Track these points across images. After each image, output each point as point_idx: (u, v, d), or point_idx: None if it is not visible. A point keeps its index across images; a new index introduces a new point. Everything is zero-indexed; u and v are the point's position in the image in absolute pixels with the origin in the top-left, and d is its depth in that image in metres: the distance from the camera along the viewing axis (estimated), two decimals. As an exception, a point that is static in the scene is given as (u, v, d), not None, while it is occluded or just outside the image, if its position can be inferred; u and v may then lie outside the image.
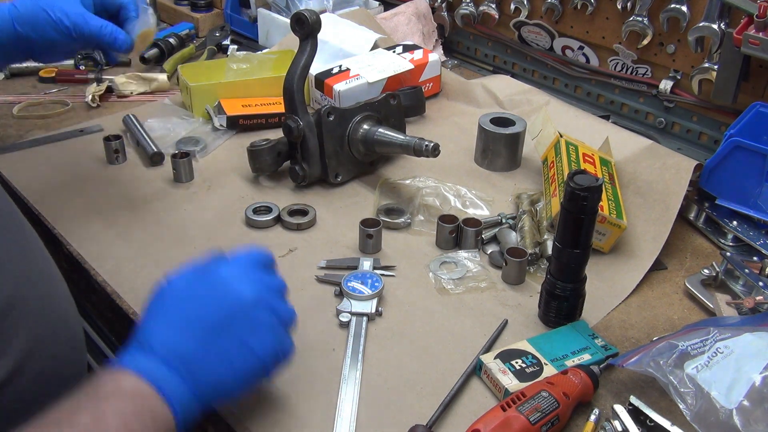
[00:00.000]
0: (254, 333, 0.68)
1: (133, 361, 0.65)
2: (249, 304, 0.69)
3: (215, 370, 0.67)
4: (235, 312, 0.68)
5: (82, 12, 0.98)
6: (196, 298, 0.69)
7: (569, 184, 0.80)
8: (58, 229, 1.05)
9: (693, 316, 0.94)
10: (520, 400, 0.73)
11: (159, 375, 0.64)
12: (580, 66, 1.47)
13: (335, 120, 1.13)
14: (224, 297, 0.69)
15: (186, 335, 0.67)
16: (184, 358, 0.66)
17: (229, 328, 0.67)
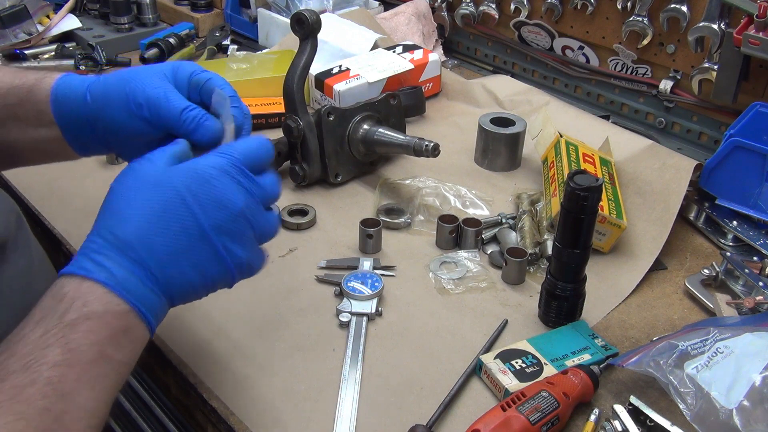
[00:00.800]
0: (232, 245, 0.65)
1: (102, 271, 0.60)
2: (236, 214, 0.65)
3: (188, 277, 0.64)
4: (221, 222, 0.64)
5: (164, 87, 0.74)
6: (182, 195, 0.63)
7: (569, 184, 0.80)
8: (57, 229, 1.05)
9: (693, 316, 0.94)
10: (520, 400, 0.73)
11: (134, 287, 0.61)
12: (580, 66, 1.47)
13: (335, 120, 1.13)
14: (213, 203, 0.64)
15: (166, 237, 0.62)
16: (160, 262, 0.62)
17: (210, 238, 0.64)
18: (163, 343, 0.86)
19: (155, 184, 0.64)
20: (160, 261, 0.62)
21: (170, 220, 0.63)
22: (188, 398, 0.83)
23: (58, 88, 0.77)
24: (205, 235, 0.64)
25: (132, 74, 0.75)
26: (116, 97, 0.74)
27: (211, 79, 0.76)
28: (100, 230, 0.63)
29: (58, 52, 1.60)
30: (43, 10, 1.67)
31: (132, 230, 0.62)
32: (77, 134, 0.77)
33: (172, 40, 1.61)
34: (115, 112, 0.74)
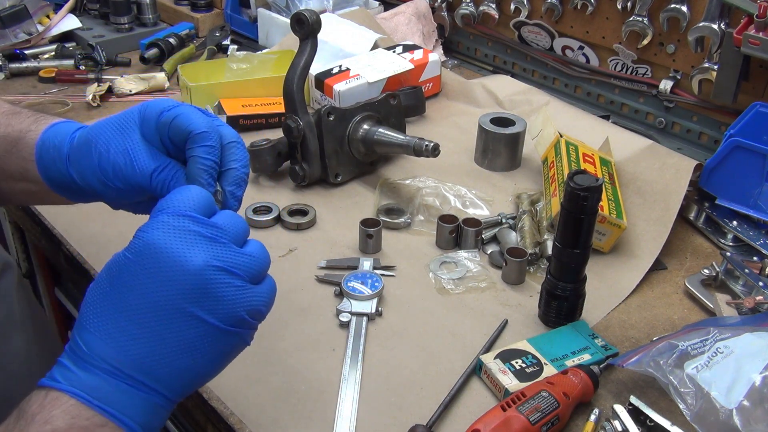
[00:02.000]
0: (216, 308, 0.56)
1: (71, 378, 0.53)
2: (199, 273, 0.55)
3: (181, 363, 0.55)
4: (185, 288, 0.55)
5: (129, 148, 0.66)
6: (134, 281, 0.55)
7: (569, 184, 0.80)
8: (58, 229, 1.05)
9: (693, 316, 0.94)
10: (520, 400, 0.73)
11: (108, 394, 0.53)
12: (580, 66, 1.47)
13: (335, 120, 1.13)
14: (166, 272, 0.55)
15: (133, 333, 0.54)
16: (139, 363, 0.54)
17: (183, 310, 0.55)
18: (163, 343, 0.86)
19: (110, 280, 0.56)
20: (138, 362, 0.54)
21: (133, 309, 0.55)
22: (188, 398, 0.83)
23: (42, 147, 0.71)
24: (178, 308, 0.55)
25: (97, 134, 0.67)
26: (87, 164, 0.67)
27: (177, 116, 0.65)
28: (70, 342, 0.56)
29: (58, 52, 1.60)
30: (43, 10, 1.67)
31: (94, 338, 0.55)
32: (65, 191, 0.72)
33: (172, 40, 1.61)
34: (90, 180, 0.68)
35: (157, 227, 0.56)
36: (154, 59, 1.58)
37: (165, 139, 0.66)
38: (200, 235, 0.56)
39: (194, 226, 0.56)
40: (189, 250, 0.56)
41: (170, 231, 0.56)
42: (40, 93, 1.48)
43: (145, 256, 0.56)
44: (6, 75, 1.53)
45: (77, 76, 1.51)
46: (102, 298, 0.56)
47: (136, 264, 0.56)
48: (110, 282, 0.56)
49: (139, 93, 1.46)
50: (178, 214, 0.57)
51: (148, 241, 0.56)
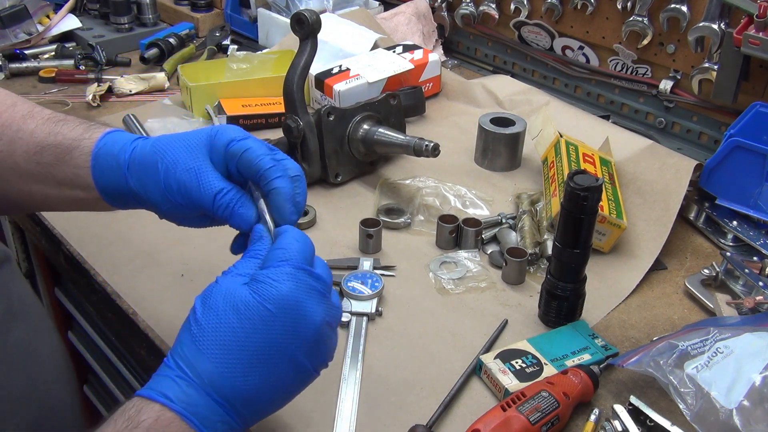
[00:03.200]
0: (313, 353, 0.63)
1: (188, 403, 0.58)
2: (317, 329, 0.62)
3: (276, 405, 0.64)
4: (298, 331, 0.61)
5: (197, 168, 0.69)
6: (264, 326, 0.60)
7: (569, 184, 0.80)
8: (58, 229, 1.05)
9: (693, 316, 0.94)
10: (520, 400, 0.73)
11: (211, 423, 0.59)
12: (580, 66, 1.47)
13: (335, 120, 1.13)
14: (296, 327, 0.61)
15: (249, 370, 0.60)
16: (249, 401, 0.60)
17: (288, 350, 0.61)
18: (164, 343, 0.86)
19: (238, 315, 0.60)
20: (246, 398, 0.60)
21: (257, 357, 0.60)
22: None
23: (99, 155, 0.72)
24: (284, 350, 0.61)
25: (164, 148, 0.70)
26: (151, 175, 0.70)
27: (248, 150, 0.69)
28: (181, 356, 0.60)
29: (58, 52, 1.61)
30: (43, 10, 1.67)
31: (214, 368, 0.59)
32: (118, 200, 0.74)
33: (172, 40, 1.61)
34: (151, 192, 0.70)
35: (288, 280, 0.61)
36: (154, 59, 1.58)
37: (232, 168, 0.70)
38: (317, 291, 0.63)
39: (312, 281, 0.62)
40: (314, 306, 0.62)
41: (301, 286, 0.62)
42: (40, 93, 1.48)
43: (279, 307, 0.60)
44: (6, 75, 1.53)
45: (77, 76, 1.51)
46: (229, 333, 0.60)
47: (269, 312, 0.60)
48: (239, 320, 0.60)
49: (139, 93, 1.46)
50: (300, 268, 0.62)
51: (283, 293, 0.61)
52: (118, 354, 1.25)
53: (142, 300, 0.92)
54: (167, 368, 0.60)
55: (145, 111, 1.37)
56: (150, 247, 1.02)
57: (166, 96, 1.45)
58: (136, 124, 1.29)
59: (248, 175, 0.69)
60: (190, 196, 0.68)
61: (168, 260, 0.99)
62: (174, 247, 1.02)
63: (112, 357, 1.27)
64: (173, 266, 0.98)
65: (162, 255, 1.00)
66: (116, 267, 0.98)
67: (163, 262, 0.99)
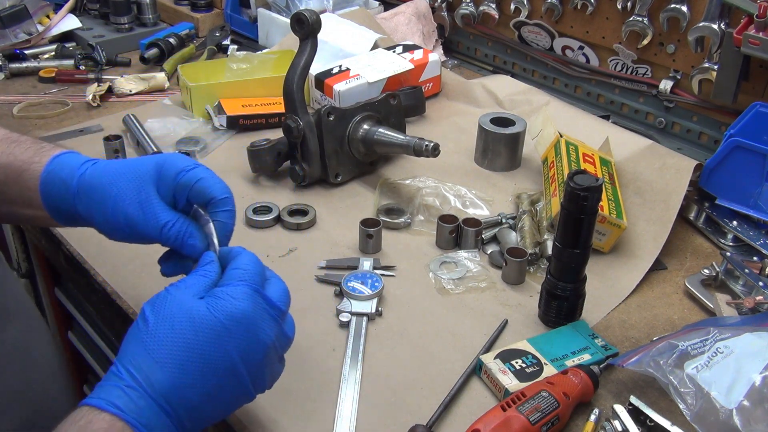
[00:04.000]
0: (258, 375, 0.64)
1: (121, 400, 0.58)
2: (268, 347, 0.64)
3: (215, 415, 0.63)
4: (251, 351, 0.62)
5: (141, 202, 0.71)
6: (219, 340, 0.61)
7: (569, 184, 0.80)
8: (58, 229, 1.05)
9: (693, 316, 0.94)
10: (520, 400, 0.73)
11: (152, 421, 0.58)
12: (580, 66, 1.47)
13: (335, 120, 1.13)
14: (251, 344, 0.62)
15: (201, 388, 0.60)
16: (191, 409, 0.60)
17: (237, 368, 0.62)
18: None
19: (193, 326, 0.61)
20: (191, 408, 0.60)
21: (208, 369, 0.61)
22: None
23: (47, 180, 0.74)
24: (234, 368, 0.62)
25: (111, 180, 0.72)
26: (98, 207, 0.72)
27: (201, 179, 0.72)
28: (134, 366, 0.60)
29: (58, 52, 1.61)
30: (43, 10, 1.67)
31: (167, 379, 0.59)
32: (68, 221, 0.77)
33: (172, 40, 1.61)
34: (99, 220, 0.73)
35: (246, 299, 0.63)
36: (154, 59, 1.58)
37: (180, 197, 0.73)
38: (270, 315, 0.64)
39: (266, 305, 0.64)
40: (266, 328, 0.64)
41: (257, 307, 0.63)
42: (40, 93, 1.48)
43: (235, 322, 0.62)
44: (6, 75, 1.53)
45: (77, 76, 1.51)
46: (183, 345, 0.60)
47: (225, 327, 0.61)
48: (194, 332, 0.60)
49: (139, 93, 1.46)
50: (257, 291, 0.64)
51: (240, 309, 0.62)
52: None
53: (142, 300, 0.92)
54: (116, 377, 0.59)
55: (145, 111, 1.37)
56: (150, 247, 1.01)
57: (166, 96, 1.45)
58: (136, 124, 1.29)
59: (198, 201, 0.72)
60: (136, 228, 0.71)
61: (168, 260, 0.99)
62: (174, 247, 1.02)
63: (112, 357, 1.26)
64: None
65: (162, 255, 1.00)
66: (116, 267, 0.98)
67: (163, 262, 0.99)
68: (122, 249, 1.02)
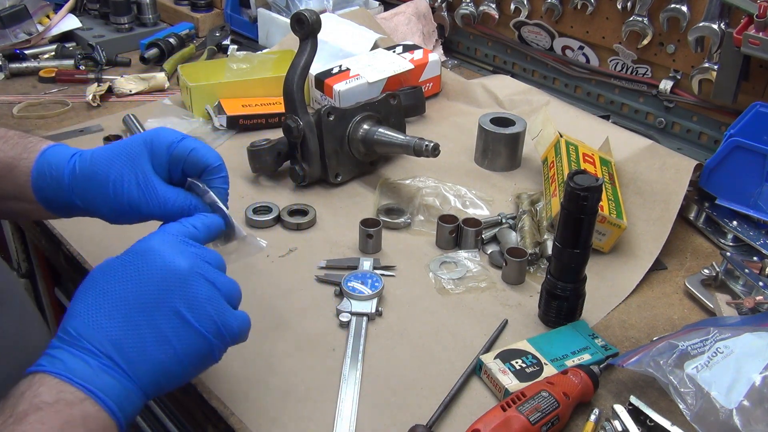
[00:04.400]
0: (192, 307, 0.62)
1: (55, 362, 0.58)
2: (183, 274, 0.62)
3: (153, 353, 0.61)
4: (169, 285, 0.62)
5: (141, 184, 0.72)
6: (123, 276, 0.62)
7: (569, 184, 0.80)
8: (58, 229, 1.05)
9: (693, 316, 0.94)
10: (520, 400, 0.73)
11: (88, 373, 0.58)
12: (580, 66, 1.47)
13: (335, 120, 1.13)
14: (154, 269, 0.62)
15: (115, 319, 0.60)
16: (116, 345, 0.59)
17: (163, 304, 0.61)
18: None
19: (102, 274, 0.63)
20: (116, 344, 0.60)
21: (118, 296, 0.61)
22: (188, 398, 0.83)
23: (38, 175, 0.74)
24: (157, 301, 0.61)
25: (106, 166, 0.72)
26: (98, 193, 0.73)
27: (194, 149, 0.73)
28: (58, 332, 0.61)
29: (58, 52, 1.61)
30: (43, 10, 1.67)
31: (79, 322, 0.60)
32: (62, 212, 0.78)
33: (172, 40, 1.61)
34: (100, 207, 0.74)
35: (155, 237, 0.65)
36: (154, 59, 1.58)
37: (175, 170, 0.75)
38: (189, 251, 0.65)
39: (190, 247, 0.65)
40: (178, 256, 0.63)
41: (166, 240, 0.65)
42: (40, 93, 1.48)
43: (137, 256, 0.63)
44: (6, 75, 1.53)
45: (77, 76, 1.51)
46: (91, 288, 0.62)
47: (129, 262, 0.63)
48: (103, 275, 0.63)
49: (139, 93, 1.46)
50: (177, 234, 0.66)
51: (143, 245, 0.64)
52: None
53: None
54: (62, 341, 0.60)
55: (145, 111, 1.37)
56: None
57: (166, 96, 1.45)
58: (136, 124, 1.29)
59: (193, 171, 0.74)
60: (139, 209, 0.73)
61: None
62: (174, 247, 1.02)
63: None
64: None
65: (162, 255, 1.00)
66: (116, 267, 0.98)
67: (163, 262, 0.99)
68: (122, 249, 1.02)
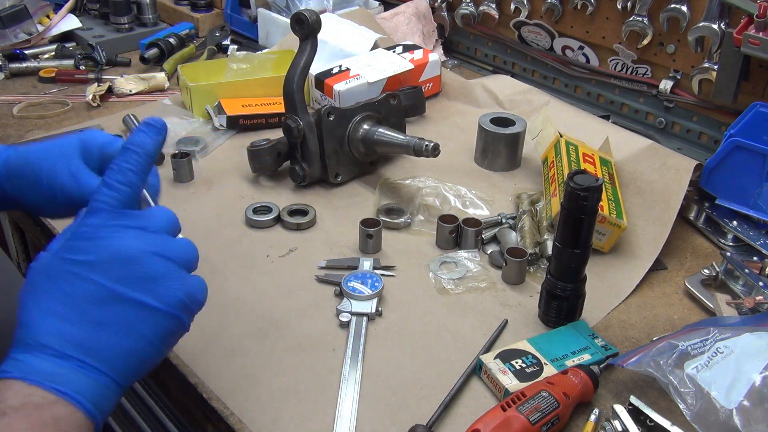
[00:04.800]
0: (151, 289, 0.60)
1: (20, 366, 0.56)
2: (134, 257, 0.59)
3: (123, 344, 0.59)
4: (121, 272, 0.59)
5: (72, 172, 0.72)
6: (69, 268, 0.59)
7: (569, 184, 0.80)
8: (58, 229, 1.05)
9: (693, 316, 0.94)
10: (520, 400, 0.73)
11: (57, 374, 0.56)
12: (580, 66, 1.47)
13: (335, 120, 1.13)
14: (101, 261, 0.59)
15: (72, 314, 0.58)
16: (78, 341, 0.57)
17: (120, 294, 0.58)
18: (163, 343, 0.86)
19: (45, 277, 0.59)
20: (82, 344, 0.57)
21: (69, 297, 0.58)
22: (188, 398, 0.83)
23: None
24: (114, 293, 0.59)
25: (40, 158, 0.73)
26: (32, 184, 0.72)
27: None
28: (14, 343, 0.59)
29: (58, 52, 1.61)
30: (43, 10, 1.67)
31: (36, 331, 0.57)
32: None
33: (172, 40, 1.61)
34: (32, 198, 0.73)
35: (91, 216, 0.61)
36: (154, 59, 1.58)
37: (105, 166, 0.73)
38: (130, 227, 0.61)
39: (124, 220, 0.61)
40: (121, 239, 0.60)
41: (104, 219, 0.60)
42: (40, 93, 1.48)
43: (75, 250, 0.59)
44: (6, 75, 1.53)
45: (77, 76, 1.51)
46: (39, 292, 0.59)
47: (68, 258, 0.59)
48: (47, 275, 0.59)
49: (139, 93, 1.46)
50: (110, 204, 0.61)
51: (82, 231, 0.60)
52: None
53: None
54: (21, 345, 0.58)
55: (145, 111, 1.37)
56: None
57: (166, 96, 1.45)
58: (136, 124, 1.29)
59: None
60: (71, 197, 0.71)
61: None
62: (174, 247, 1.02)
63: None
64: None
65: (162, 255, 1.00)
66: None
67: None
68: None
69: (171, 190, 1.15)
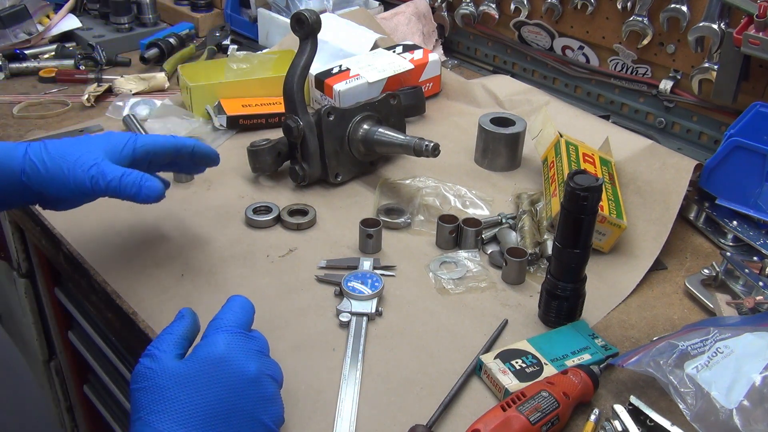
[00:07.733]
0: (265, 408, 0.66)
1: None
2: (254, 378, 0.66)
3: None
4: (242, 391, 0.65)
5: (96, 162, 0.81)
6: (197, 385, 0.63)
7: (569, 184, 0.80)
8: (57, 229, 1.05)
9: (693, 316, 0.94)
10: (520, 400, 0.73)
11: None
12: (580, 66, 1.47)
13: (335, 120, 1.13)
14: (228, 378, 0.64)
15: (195, 428, 0.61)
16: None
17: (239, 409, 0.64)
18: (163, 343, 0.86)
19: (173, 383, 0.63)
20: None
21: (193, 412, 0.62)
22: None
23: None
24: (235, 410, 0.64)
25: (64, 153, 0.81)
26: (55, 176, 0.80)
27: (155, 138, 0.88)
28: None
29: (58, 52, 1.61)
30: (43, 10, 1.67)
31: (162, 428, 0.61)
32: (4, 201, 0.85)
33: (172, 40, 1.61)
34: (56, 190, 0.81)
35: (219, 340, 0.67)
36: (154, 59, 1.58)
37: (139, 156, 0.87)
38: (255, 353, 0.68)
39: (251, 343, 0.68)
40: (247, 361, 0.66)
41: (233, 344, 0.67)
42: (40, 93, 1.48)
43: (209, 365, 0.64)
44: (6, 75, 1.53)
45: (77, 76, 1.51)
46: (172, 402, 0.62)
47: (201, 371, 0.64)
48: (174, 383, 0.63)
49: (139, 93, 1.46)
50: (233, 333, 0.68)
51: (213, 352, 0.65)
52: (118, 354, 1.25)
53: (142, 300, 0.92)
54: None
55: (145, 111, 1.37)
56: (150, 247, 1.02)
57: (166, 96, 1.45)
58: (136, 124, 1.29)
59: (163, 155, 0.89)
60: (98, 185, 0.81)
61: (168, 260, 0.99)
62: (174, 247, 1.02)
63: (112, 357, 1.27)
64: (173, 266, 0.98)
65: (162, 255, 1.00)
66: (116, 267, 0.98)
67: (163, 262, 0.99)
68: (122, 249, 1.02)
69: (171, 190, 1.14)
